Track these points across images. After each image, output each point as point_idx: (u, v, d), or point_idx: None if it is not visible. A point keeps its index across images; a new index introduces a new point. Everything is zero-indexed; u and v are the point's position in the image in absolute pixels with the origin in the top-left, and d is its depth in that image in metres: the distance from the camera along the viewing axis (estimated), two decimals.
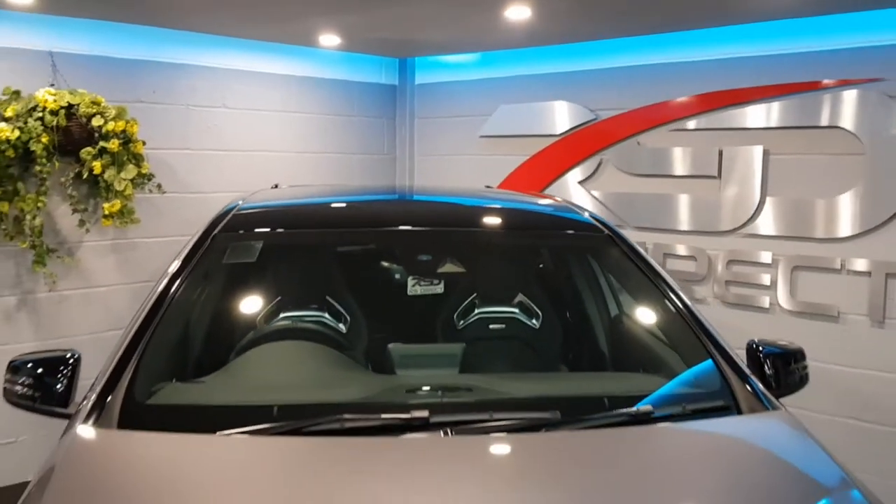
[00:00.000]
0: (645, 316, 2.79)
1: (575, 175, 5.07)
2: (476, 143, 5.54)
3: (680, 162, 4.58)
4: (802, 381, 2.47)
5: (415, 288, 2.88)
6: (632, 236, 4.60)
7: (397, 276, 3.12)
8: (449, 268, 3.01)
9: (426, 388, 2.36)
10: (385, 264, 3.24)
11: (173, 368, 2.43)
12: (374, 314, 2.86)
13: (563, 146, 5.10)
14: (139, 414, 2.03)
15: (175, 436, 1.95)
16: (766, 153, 4.24)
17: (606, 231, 2.84)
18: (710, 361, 2.30)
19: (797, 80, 4.12)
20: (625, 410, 2.08)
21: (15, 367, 2.27)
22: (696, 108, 4.50)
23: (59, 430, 2.07)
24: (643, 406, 2.09)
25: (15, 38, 4.18)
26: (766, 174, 4.25)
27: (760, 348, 2.46)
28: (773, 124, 4.22)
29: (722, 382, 2.22)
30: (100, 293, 4.59)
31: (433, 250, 3.11)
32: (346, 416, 1.95)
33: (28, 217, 4.09)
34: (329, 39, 5.00)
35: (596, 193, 4.97)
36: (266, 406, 2.07)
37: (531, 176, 5.26)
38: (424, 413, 1.97)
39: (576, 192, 5.05)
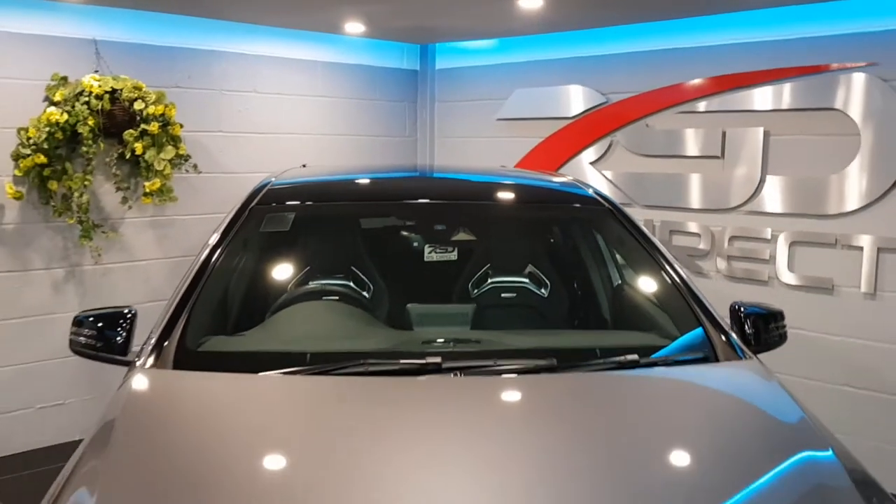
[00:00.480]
0: (639, 281, 3.02)
1: (587, 156, 5.24)
2: (493, 125, 5.72)
3: (686, 143, 4.76)
4: (781, 338, 2.70)
5: (431, 255, 3.14)
6: (640, 214, 4.83)
7: (416, 244, 3.36)
8: (462, 236, 3.27)
9: (440, 340, 2.63)
10: (405, 233, 3.47)
11: (217, 324, 2.71)
12: (396, 278, 3.11)
13: (576, 128, 5.28)
14: (191, 357, 2.32)
15: (223, 374, 2.24)
16: (766, 134, 4.41)
17: (607, 205, 3.08)
18: (693, 318, 2.53)
19: (796, 65, 4.28)
20: (613, 358, 2.34)
21: (79, 322, 2.57)
22: (702, 92, 4.67)
23: (103, 393, 2.33)
24: (630, 355, 2.34)
25: (62, 28, 4.43)
26: (766, 154, 4.43)
27: (741, 309, 2.69)
28: (772, 107, 4.39)
29: (703, 336, 2.46)
30: (140, 266, 4.86)
31: (449, 221, 3.35)
32: (370, 360, 2.23)
33: (75, 195, 4.36)
34: (354, 27, 5.18)
35: (607, 173, 5.15)
36: (300, 353, 2.35)
37: (546, 157, 5.43)
38: (437, 359, 2.23)
39: (588, 172, 5.23)
